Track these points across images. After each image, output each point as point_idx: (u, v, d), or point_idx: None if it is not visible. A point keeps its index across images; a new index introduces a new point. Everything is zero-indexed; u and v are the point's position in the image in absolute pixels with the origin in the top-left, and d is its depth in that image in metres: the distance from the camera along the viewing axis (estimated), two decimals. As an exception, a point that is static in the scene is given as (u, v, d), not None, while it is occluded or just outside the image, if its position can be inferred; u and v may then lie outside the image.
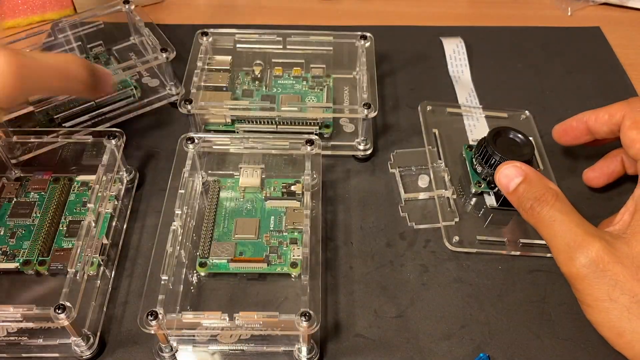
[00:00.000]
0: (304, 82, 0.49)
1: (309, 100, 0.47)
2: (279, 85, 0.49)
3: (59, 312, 0.31)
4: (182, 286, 0.36)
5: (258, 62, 0.49)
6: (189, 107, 0.42)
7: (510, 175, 0.36)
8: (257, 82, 0.49)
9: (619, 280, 0.31)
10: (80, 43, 0.50)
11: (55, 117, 0.44)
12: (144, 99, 0.48)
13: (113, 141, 0.39)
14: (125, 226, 0.40)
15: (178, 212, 0.36)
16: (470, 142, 0.46)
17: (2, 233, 0.38)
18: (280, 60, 0.49)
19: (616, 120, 0.38)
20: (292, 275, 0.37)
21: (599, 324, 0.33)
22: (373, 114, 0.42)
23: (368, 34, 0.48)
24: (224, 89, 0.46)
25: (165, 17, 0.57)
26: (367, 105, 0.42)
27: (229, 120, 0.45)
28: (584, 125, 0.41)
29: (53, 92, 0.40)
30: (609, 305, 0.31)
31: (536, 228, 0.35)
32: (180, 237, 0.35)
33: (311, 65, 0.49)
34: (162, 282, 0.32)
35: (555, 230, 0.33)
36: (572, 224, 0.33)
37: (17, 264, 0.37)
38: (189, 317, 0.31)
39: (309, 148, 0.39)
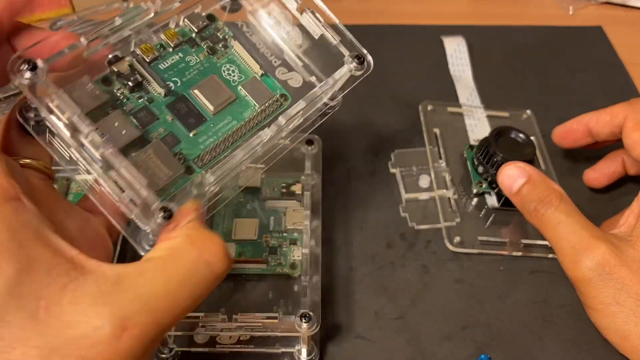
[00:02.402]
0: (194, 50, 0.31)
1: (229, 74, 0.31)
2: (168, 73, 0.30)
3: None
4: (181, 287, 0.36)
5: (113, 55, 0.29)
6: None
7: (513, 175, 0.36)
8: (131, 86, 0.29)
9: (625, 284, 0.31)
10: (79, 42, 0.50)
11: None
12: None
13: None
14: (124, 226, 0.40)
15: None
16: (472, 142, 0.45)
17: (0, 233, 0.38)
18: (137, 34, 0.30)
19: (618, 121, 0.38)
20: (292, 276, 0.37)
21: (604, 328, 0.32)
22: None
23: None
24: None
25: (165, 16, 0.57)
26: (359, 59, 0.30)
27: None
28: (584, 127, 0.41)
29: None
30: (615, 309, 0.31)
31: (540, 230, 0.35)
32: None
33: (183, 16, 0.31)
34: (161, 283, 0.32)
35: (560, 233, 0.33)
36: (577, 226, 0.33)
37: (15, 265, 0.36)
38: (188, 318, 0.31)
39: (309, 148, 0.39)
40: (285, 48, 0.32)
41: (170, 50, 0.30)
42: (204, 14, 0.32)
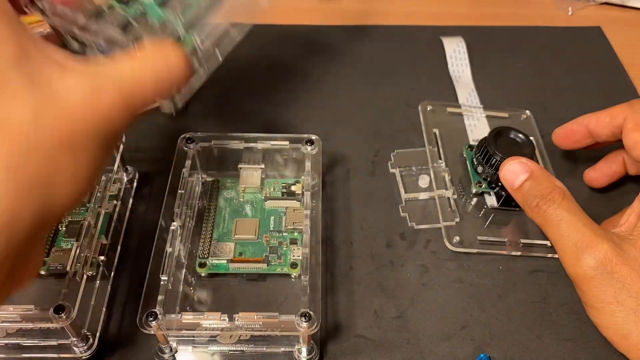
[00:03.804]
0: None
1: None
2: None
3: (58, 312, 0.30)
4: (181, 286, 0.36)
5: None
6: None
7: (515, 171, 0.36)
8: None
9: (626, 283, 0.31)
10: (79, 42, 0.50)
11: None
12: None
13: (112, 141, 0.39)
14: (124, 226, 0.40)
15: (177, 211, 0.36)
16: (471, 142, 0.45)
17: (1, 233, 0.38)
18: None
19: (618, 122, 0.38)
20: (292, 276, 0.37)
21: (604, 327, 0.32)
22: None
23: None
24: None
25: (165, 17, 0.57)
26: None
27: None
28: (584, 128, 0.41)
29: None
30: (615, 308, 0.31)
31: (541, 227, 0.35)
32: (179, 238, 0.35)
33: None
34: (162, 283, 0.32)
35: (562, 230, 0.33)
36: (580, 223, 0.33)
37: (16, 264, 0.37)
38: (188, 317, 0.31)
39: (309, 148, 0.39)
40: None
41: None
42: None
